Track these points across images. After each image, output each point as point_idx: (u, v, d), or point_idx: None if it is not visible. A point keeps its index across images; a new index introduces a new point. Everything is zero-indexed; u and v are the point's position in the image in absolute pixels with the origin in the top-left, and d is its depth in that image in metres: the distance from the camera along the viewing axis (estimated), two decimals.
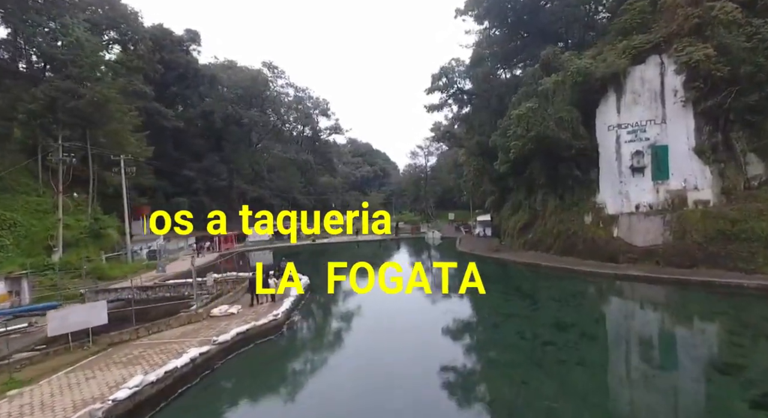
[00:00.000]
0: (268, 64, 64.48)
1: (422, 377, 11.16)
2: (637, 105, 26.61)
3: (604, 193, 28.80)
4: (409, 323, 16.40)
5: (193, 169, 59.64)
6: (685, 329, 14.71)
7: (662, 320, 16.15)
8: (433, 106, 44.97)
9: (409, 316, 17.43)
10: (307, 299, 21.21)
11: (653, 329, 14.87)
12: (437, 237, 47.84)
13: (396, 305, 19.66)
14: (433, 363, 11.91)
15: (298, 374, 12.62)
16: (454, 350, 13.60)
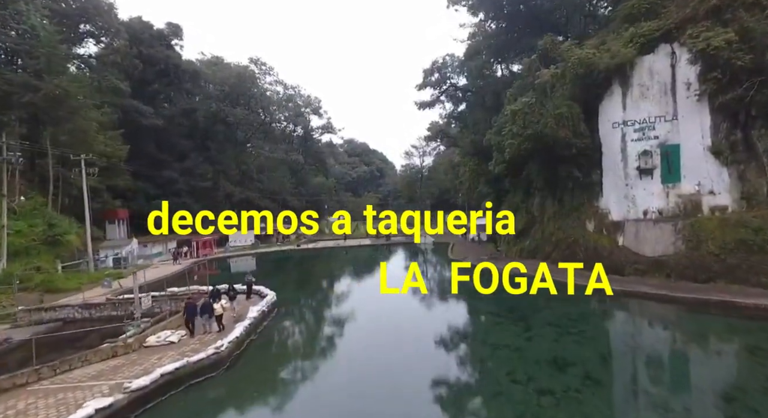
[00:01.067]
0: (255, 60, 61.91)
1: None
2: (645, 100, 23.96)
3: (608, 197, 26.17)
4: (383, 360, 13.62)
5: (176, 169, 56.96)
6: (713, 372, 11.85)
7: (685, 358, 13.31)
8: (425, 103, 42.34)
9: (384, 349, 14.64)
10: (271, 321, 18.50)
11: (674, 372, 12.07)
12: (429, 242, 45.22)
13: (372, 333, 16.83)
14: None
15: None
16: (431, 397, 10.90)
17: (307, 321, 19.21)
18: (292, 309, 20.74)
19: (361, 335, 16.89)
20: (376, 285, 25.84)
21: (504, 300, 20.91)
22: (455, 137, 44.73)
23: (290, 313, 20.18)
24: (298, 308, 21.03)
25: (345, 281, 29.33)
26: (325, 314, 20.39)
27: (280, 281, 29.30)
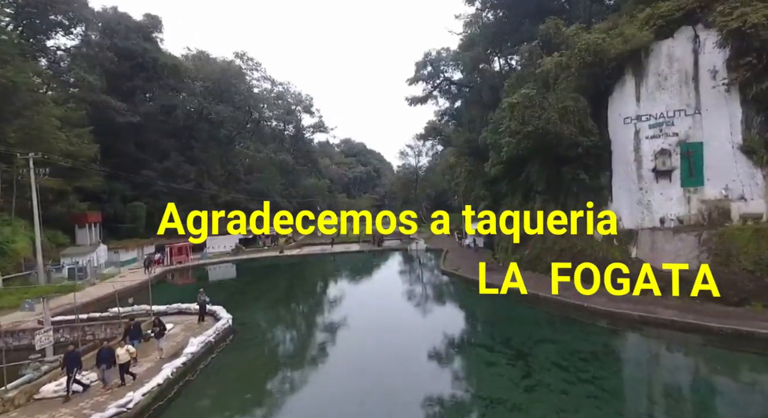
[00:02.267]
0: (241, 54, 58.77)
1: None
2: (662, 91, 20.88)
3: (619, 202, 23.10)
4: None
5: (156, 170, 53.79)
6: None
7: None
8: (416, 99, 39.22)
9: (354, 399, 11.54)
10: (221, 353, 15.34)
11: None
12: (421, 248, 42.09)
13: (342, 377, 13.61)
14: None
15: None
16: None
17: (266, 354, 15.92)
18: (254, 336, 17.53)
19: (329, 376, 13.74)
20: (354, 307, 22.53)
21: (498, 328, 17.83)
22: (449, 136, 41.59)
23: (249, 341, 16.95)
24: (260, 335, 17.80)
25: (320, 300, 25.75)
26: (290, 344, 17.09)
27: (249, 297, 26.18)
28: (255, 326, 18.97)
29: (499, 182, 34.64)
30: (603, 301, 18.74)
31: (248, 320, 19.64)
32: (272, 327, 18.85)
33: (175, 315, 19.54)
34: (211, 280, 38.63)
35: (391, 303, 23.02)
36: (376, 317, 19.92)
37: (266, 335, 17.47)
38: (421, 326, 18.03)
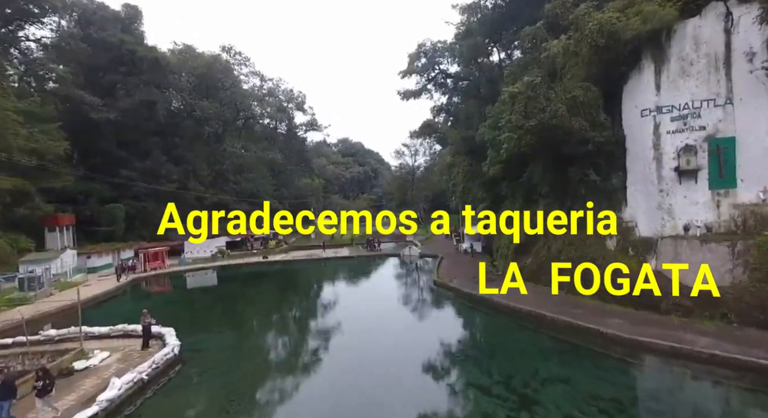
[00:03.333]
0: (228, 48, 55.85)
1: None
2: (687, 78, 18.05)
3: (635, 206, 20.27)
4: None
5: (137, 169, 50.94)
6: None
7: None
8: (409, 93, 36.33)
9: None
10: (158, 392, 12.47)
11: None
12: (415, 254, 39.27)
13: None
14: None
15: None
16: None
17: (218, 394, 12.89)
18: (207, 368, 14.57)
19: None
20: (328, 331, 19.35)
21: (497, 360, 14.96)
22: (444, 133, 38.70)
23: (201, 375, 13.92)
24: (216, 366, 14.81)
25: (286, 320, 22.30)
26: (248, 380, 14.01)
27: (213, 314, 23.15)
28: (212, 352, 16.06)
29: (499, 184, 31.80)
30: (620, 324, 15.88)
31: (205, 345, 16.75)
32: (231, 355, 15.89)
33: (120, 338, 16.70)
34: (189, 287, 35.86)
35: (372, 327, 19.53)
36: (352, 348, 16.39)
37: (222, 367, 14.56)
38: (404, 359, 14.55)
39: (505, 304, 19.93)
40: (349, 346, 16.84)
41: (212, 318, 21.97)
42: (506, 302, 19.94)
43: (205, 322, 20.98)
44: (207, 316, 22.69)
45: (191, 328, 19.06)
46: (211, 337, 17.86)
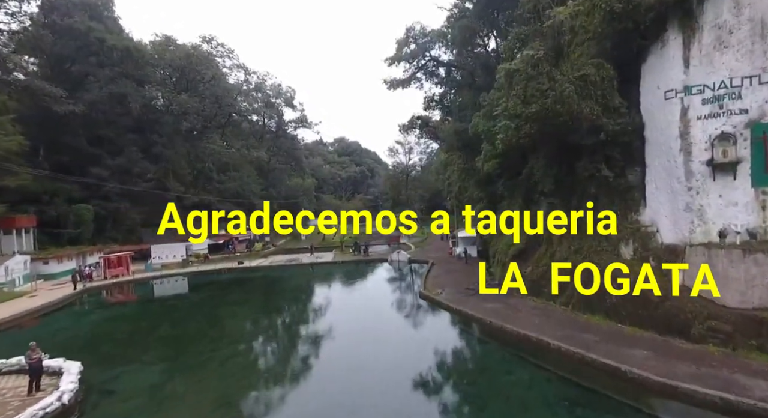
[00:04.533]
0: (209, 38, 52.42)
1: None
2: (724, 51, 14.68)
3: (656, 208, 16.92)
4: None
5: (108, 167, 47.52)
6: None
7: None
8: (397, 82, 32.91)
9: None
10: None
11: None
12: (403, 259, 35.88)
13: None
14: None
15: None
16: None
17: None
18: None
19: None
20: (284, 362, 15.72)
21: (489, 415, 11.52)
22: (435, 127, 35.33)
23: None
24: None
25: (234, 345, 17.75)
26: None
27: (154, 335, 19.47)
28: (126, 395, 12.53)
29: (495, 182, 28.46)
30: (645, 357, 12.49)
31: (122, 385, 13.16)
32: (148, 401, 12.30)
33: (10, 376, 13.21)
34: (156, 295, 32.49)
35: (339, 358, 15.58)
36: (308, 391, 12.91)
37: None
38: (371, 407, 11.43)
39: (500, 326, 16.50)
40: (303, 388, 13.33)
41: (151, 341, 18.50)
42: (501, 324, 16.50)
43: (140, 347, 17.46)
44: (146, 337, 19.20)
45: (116, 357, 15.70)
46: (136, 371, 14.35)
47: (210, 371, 14.26)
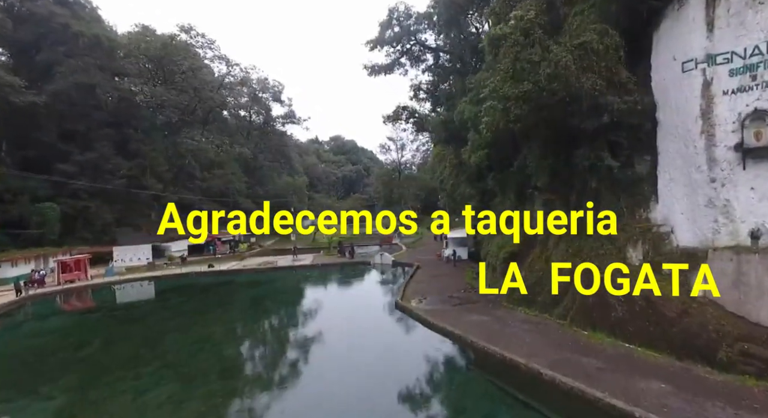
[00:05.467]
0: (187, 28, 49.55)
1: None
2: (759, 8, 11.88)
3: (670, 203, 14.14)
4: None
5: (78, 163, 44.67)
6: None
7: None
8: (379, 67, 30.04)
9: None
10: None
11: None
12: (387, 262, 33.05)
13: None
14: None
15: None
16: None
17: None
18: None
19: None
20: (227, 388, 13.00)
21: None
22: (421, 117, 32.45)
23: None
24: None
25: (158, 371, 14.67)
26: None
27: (79, 355, 16.45)
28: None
29: (486, 176, 25.62)
30: (663, 394, 9.68)
31: None
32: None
33: None
34: (119, 301, 29.66)
35: (274, 402, 12.20)
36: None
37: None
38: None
39: (482, 347, 13.62)
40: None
41: (69, 363, 15.53)
42: (484, 345, 13.62)
43: (51, 371, 14.45)
44: (67, 358, 16.21)
45: (12, 385, 12.85)
46: (20, 409, 11.45)
47: (119, 408, 11.39)
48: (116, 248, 36.81)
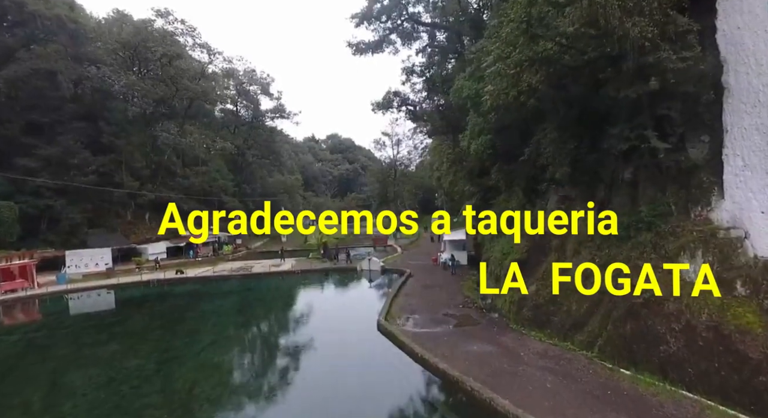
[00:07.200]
0: (164, 12, 45.76)
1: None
2: None
3: (743, 200, 10.41)
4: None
5: (41, 158, 40.85)
6: None
7: None
8: (366, 46, 26.14)
9: None
10: None
11: None
12: (375, 268, 29.18)
13: None
14: None
15: None
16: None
17: None
18: None
19: None
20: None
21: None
22: (415, 104, 28.58)
23: None
24: None
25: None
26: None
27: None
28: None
29: (487, 169, 21.81)
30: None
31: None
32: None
33: None
34: (72, 313, 25.87)
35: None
36: None
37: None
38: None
39: (488, 400, 9.76)
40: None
41: None
42: (490, 397, 9.75)
43: None
44: None
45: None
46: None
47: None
48: (69, 253, 32.93)
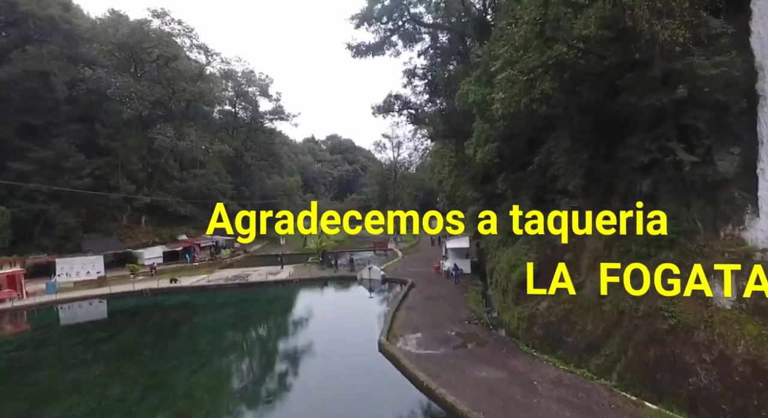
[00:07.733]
0: (160, 12, 44.82)
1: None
2: None
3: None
4: None
5: (35, 161, 40.01)
6: None
7: None
8: (366, 47, 25.24)
9: None
10: None
11: None
12: (376, 278, 28.11)
13: None
14: None
15: None
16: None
17: None
18: None
19: None
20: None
21: None
22: (417, 108, 27.66)
23: None
24: None
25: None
26: None
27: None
28: None
29: (493, 178, 20.86)
30: None
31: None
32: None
33: None
34: (63, 323, 24.98)
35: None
36: None
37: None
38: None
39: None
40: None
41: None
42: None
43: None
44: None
45: None
46: None
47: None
48: (60, 260, 31.95)
